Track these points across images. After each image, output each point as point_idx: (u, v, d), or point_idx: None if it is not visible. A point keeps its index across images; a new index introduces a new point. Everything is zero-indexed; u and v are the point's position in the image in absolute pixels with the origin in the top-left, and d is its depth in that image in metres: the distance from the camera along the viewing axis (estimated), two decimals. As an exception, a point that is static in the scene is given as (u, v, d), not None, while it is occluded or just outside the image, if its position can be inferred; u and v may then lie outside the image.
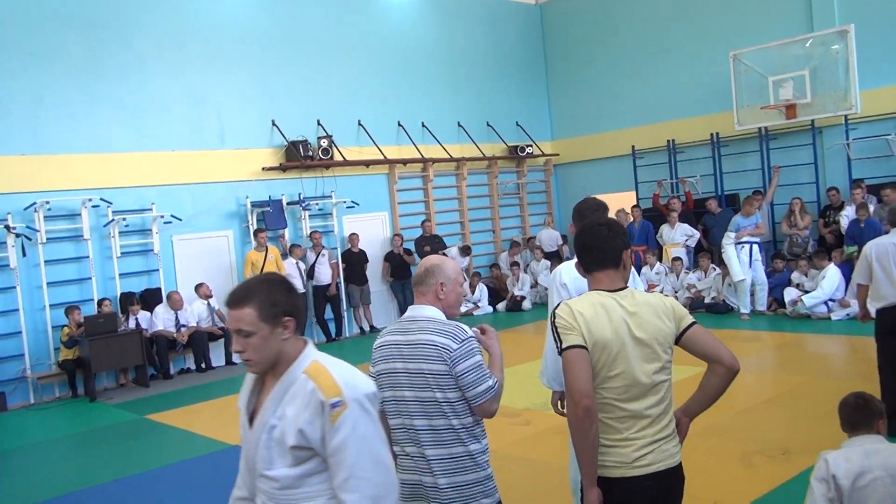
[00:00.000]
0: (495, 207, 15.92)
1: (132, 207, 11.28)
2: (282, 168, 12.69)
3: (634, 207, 14.18)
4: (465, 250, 14.50)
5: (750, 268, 11.53)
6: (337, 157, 13.18)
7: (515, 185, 16.31)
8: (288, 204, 12.72)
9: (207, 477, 6.51)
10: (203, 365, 11.33)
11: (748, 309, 11.61)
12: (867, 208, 11.11)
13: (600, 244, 2.86)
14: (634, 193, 15.30)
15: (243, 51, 12.55)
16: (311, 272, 12.59)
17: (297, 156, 12.65)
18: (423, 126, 14.66)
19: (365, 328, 13.44)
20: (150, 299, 11.26)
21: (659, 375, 2.78)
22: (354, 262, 13.25)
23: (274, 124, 12.77)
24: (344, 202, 13.33)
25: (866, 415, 3.44)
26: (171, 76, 11.80)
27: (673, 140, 14.72)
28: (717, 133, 14.00)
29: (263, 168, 12.55)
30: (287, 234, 12.78)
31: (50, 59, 10.67)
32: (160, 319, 11.07)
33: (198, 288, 11.56)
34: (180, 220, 11.58)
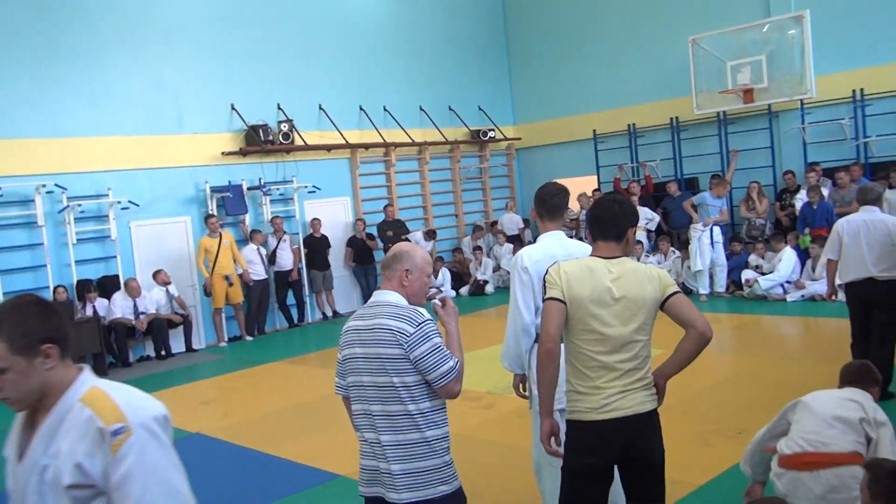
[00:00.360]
0: (458, 192, 15.91)
1: (88, 193, 11.06)
2: (242, 153, 12.52)
3: (595, 191, 14.28)
4: (430, 234, 14.47)
5: (711, 249, 11.73)
6: (298, 142, 13.05)
7: (478, 170, 16.32)
8: (248, 189, 12.57)
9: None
10: (163, 352, 11.21)
11: (707, 290, 11.82)
12: (819, 191, 11.32)
13: (608, 217, 3.21)
14: (596, 177, 15.39)
15: (202, 34, 12.32)
16: (273, 258, 12.49)
17: (258, 140, 12.49)
18: (385, 110, 14.57)
19: (328, 313, 13.37)
20: (108, 286, 11.07)
21: (635, 335, 3.07)
22: (316, 248, 13.16)
23: (233, 108, 12.59)
24: (305, 187, 13.21)
25: (867, 378, 3.84)
26: (129, 59, 11.56)
27: (633, 124, 14.84)
28: (677, 117, 14.14)
29: (223, 153, 12.38)
30: (248, 220, 12.65)
31: (1, 42, 10.37)
32: (118, 307, 10.91)
33: (156, 275, 11.39)
34: (138, 206, 11.39)
